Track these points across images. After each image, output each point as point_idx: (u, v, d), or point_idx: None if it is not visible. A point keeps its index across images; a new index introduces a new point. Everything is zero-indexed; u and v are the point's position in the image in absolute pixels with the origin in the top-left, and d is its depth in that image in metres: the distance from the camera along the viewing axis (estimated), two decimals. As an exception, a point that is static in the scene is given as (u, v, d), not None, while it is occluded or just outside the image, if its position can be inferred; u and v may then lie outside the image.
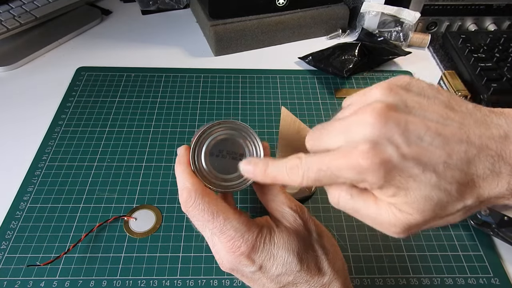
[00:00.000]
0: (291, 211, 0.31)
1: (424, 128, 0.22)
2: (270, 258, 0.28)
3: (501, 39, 0.61)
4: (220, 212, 0.29)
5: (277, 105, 0.57)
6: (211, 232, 0.30)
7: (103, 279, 0.39)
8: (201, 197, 0.29)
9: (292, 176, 0.25)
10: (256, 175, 0.28)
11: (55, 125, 0.53)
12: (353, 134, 0.23)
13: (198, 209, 0.29)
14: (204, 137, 0.31)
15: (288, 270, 0.28)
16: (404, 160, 0.21)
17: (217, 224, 0.28)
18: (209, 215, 0.29)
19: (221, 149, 0.31)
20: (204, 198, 0.29)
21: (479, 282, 0.39)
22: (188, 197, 0.29)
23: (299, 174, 0.25)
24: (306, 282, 0.29)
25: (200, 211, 0.29)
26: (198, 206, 0.29)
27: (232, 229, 0.28)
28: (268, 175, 0.27)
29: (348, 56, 0.61)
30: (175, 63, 0.64)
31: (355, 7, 0.71)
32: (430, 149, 0.22)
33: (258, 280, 0.29)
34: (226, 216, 0.29)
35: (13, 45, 0.65)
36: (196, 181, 0.30)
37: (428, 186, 0.22)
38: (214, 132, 0.31)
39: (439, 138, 0.22)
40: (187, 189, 0.29)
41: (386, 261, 0.40)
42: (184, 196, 0.29)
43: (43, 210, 0.44)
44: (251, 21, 0.64)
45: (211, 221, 0.29)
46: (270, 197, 0.32)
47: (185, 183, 0.29)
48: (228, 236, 0.28)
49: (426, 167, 0.22)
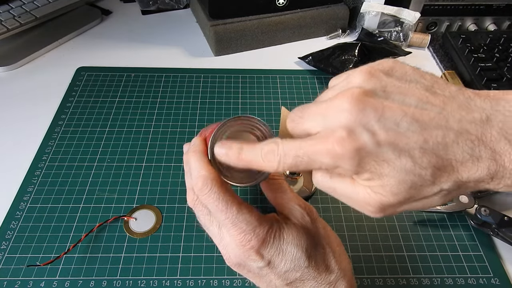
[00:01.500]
0: (299, 208, 0.31)
1: (401, 113, 0.22)
2: (279, 254, 0.28)
3: (501, 39, 0.61)
4: (234, 203, 0.28)
5: (277, 105, 0.57)
6: (220, 225, 0.29)
7: (103, 279, 0.39)
8: (217, 185, 0.28)
9: (267, 161, 0.25)
10: (230, 158, 0.28)
11: (55, 125, 0.53)
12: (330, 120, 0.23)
13: (213, 197, 0.28)
14: (222, 131, 0.31)
15: (296, 266, 0.28)
16: (379, 146, 0.22)
17: (229, 215, 0.28)
18: (224, 205, 0.28)
19: None
20: (221, 187, 0.28)
21: (479, 282, 0.39)
22: (204, 184, 0.28)
23: (275, 160, 0.25)
24: (313, 279, 0.29)
25: (215, 199, 0.28)
26: (214, 194, 0.28)
27: (244, 221, 0.28)
28: (242, 159, 0.27)
29: (348, 56, 0.61)
30: (175, 63, 0.64)
31: (355, 7, 0.70)
32: (406, 134, 0.22)
33: (265, 276, 0.29)
34: (239, 208, 0.28)
35: (13, 45, 0.65)
36: (212, 169, 0.29)
37: (403, 171, 0.22)
38: (232, 127, 0.31)
39: (416, 123, 0.22)
40: (203, 177, 0.28)
41: (386, 261, 0.40)
42: (200, 183, 0.28)
43: (43, 210, 0.44)
44: (251, 21, 0.64)
45: (224, 211, 0.28)
46: (279, 194, 0.32)
47: (201, 170, 0.29)
48: (240, 229, 0.28)
49: (402, 152, 0.22)
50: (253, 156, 0.26)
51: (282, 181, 0.33)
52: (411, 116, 0.22)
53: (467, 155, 0.22)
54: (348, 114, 0.22)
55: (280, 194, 0.32)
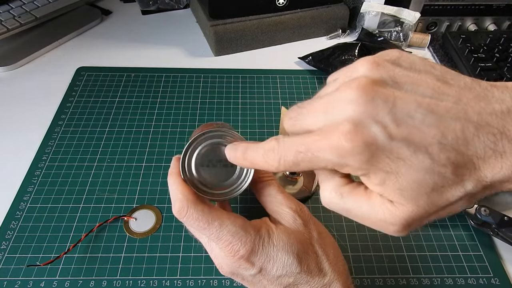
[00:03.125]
0: (290, 211, 0.30)
1: (414, 104, 0.20)
2: (270, 260, 0.28)
3: (501, 39, 0.61)
4: (214, 218, 0.28)
5: (277, 105, 0.57)
6: (208, 239, 0.30)
7: (103, 279, 0.39)
8: (194, 206, 0.28)
9: (268, 160, 0.24)
10: (238, 159, 0.27)
11: (55, 125, 0.53)
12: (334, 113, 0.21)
13: (192, 218, 0.28)
14: (192, 149, 0.31)
15: (288, 272, 0.28)
16: (391, 140, 0.19)
17: (213, 231, 0.28)
18: (204, 223, 0.28)
19: (210, 159, 0.31)
20: (197, 207, 0.28)
21: (479, 282, 0.39)
22: (181, 207, 0.28)
23: (275, 158, 0.23)
24: (307, 283, 0.28)
25: (195, 220, 0.28)
26: (192, 215, 0.28)
27: (228, 233, 0.28)
28: (246, 158, 0.26)
29: (348, 56, 0.61)
30: (175, 63, 0.64)
31: (355, 7, 0.70)
32: (422, 128, 0.19)
33: (259, 283, 0.29)
34: (221, 222, 0.28)
35: (13, 45, 0.65)
36: (187, 190, 0.29)
37: (421, 170, 0.19)
38: (201, 143, 0.31)
39: (432, 115, 0.19)
40: (179, 200, 0.29)
41: (386, 261, 0.40)
42: (177, 206, 0.29)
43: (43, 210, 0.44)
44: (251, 21, 0.64)
45: (207, 229, 0.28)
46: (268, 198, 0.31)
47: (177, 193, 0.29)
48: (226, 241, 0.28)
49: (418, 148, 0.19)
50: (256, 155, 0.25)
51: (271, 183, 0.32)
52: (426, 107, 0.20)
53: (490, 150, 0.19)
54: (354, 105, 0.20)
55: (269, 198, 0.31)
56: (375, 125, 0.19)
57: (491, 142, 0.19)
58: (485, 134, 0.19)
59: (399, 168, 0.20)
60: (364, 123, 0.19)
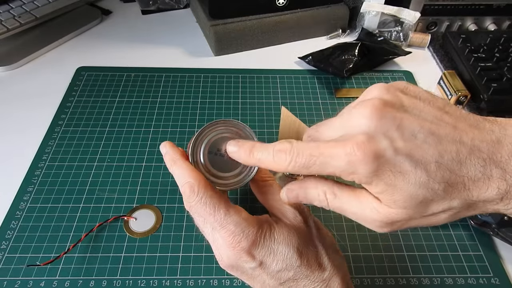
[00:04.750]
0: (291, 209, 0.31)
1: (418, 125, 0.23)
2: (270, 254, 0.28)
3: (501, 39, 0.61)
4: (221, 206, 0.29)
5: (277, 105, 0.57)
6: (212, 227, 0.30)
7: (103, 279, 0.39)
8: (204, 191, 0.29)
9: (278, 160, 0.26)
10: (241, 155, 0.28)
11: (55, 125, 0.53)
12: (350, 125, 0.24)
13: (201, 202, 0.28)
14: (204, 135, 0.31)
15: (288, 266, 0.28)
16: (397, 155, 0.22)
17: (218, 218, 0.28)
18: (211, 208, 0.28)
19: (219, 148, 0.31)
20: (207, 192, 0.29)
21: (479, 282, 0.39)
22: (191, 191, 0.28)
23: (286, 159, 0.25)
24: (306, 278, 0.29)
25: (203, 204, 0.28)
26: (201, 200, 0.28)
27: (232, 223, 0.28)
28: (253, 156, 0.27)
29: (348, 56, 0.61)
30: (175, 63, 0.64)
31: (355, 7, 0.71)
32: (423, 146, 0.22)
33: (258, 277, 0.29)
34: (227, 211, 0.29)
35: (13, 45, 0.65)
36: (197, 175, 0.29)
37: (416, 184, 0.22)
38: (214, 131, 0.31)
39: (432, 136, 0.23)
40: (189, 184, 0.29)
41: (386, 261, 0.40)
42: (187, 191, 0.29)
43: (43, 210, 0.44)
44: (251, 21, 0.64)
45: (212, 215, 0.28)
46: (270, 196, 0.32)
47: (186, 177, 0.29)
48: (229, 231, 0.28)
49: (418, 164, 0.22)
50: (264, 154, 0.27)
51: (272, 183, 0.33)
52: (428, 129, 0.23)
53: (479, 173, 0.22)
54: (368, 121, 0.23)
55: (270, 196, 0.32)
56: (384, 139, 0.22)
57: (480, 166, 0.22)
58: (475, 158, 0.22)
59: (397, 182, 0.22)
60: (376, 137, 0.23)
